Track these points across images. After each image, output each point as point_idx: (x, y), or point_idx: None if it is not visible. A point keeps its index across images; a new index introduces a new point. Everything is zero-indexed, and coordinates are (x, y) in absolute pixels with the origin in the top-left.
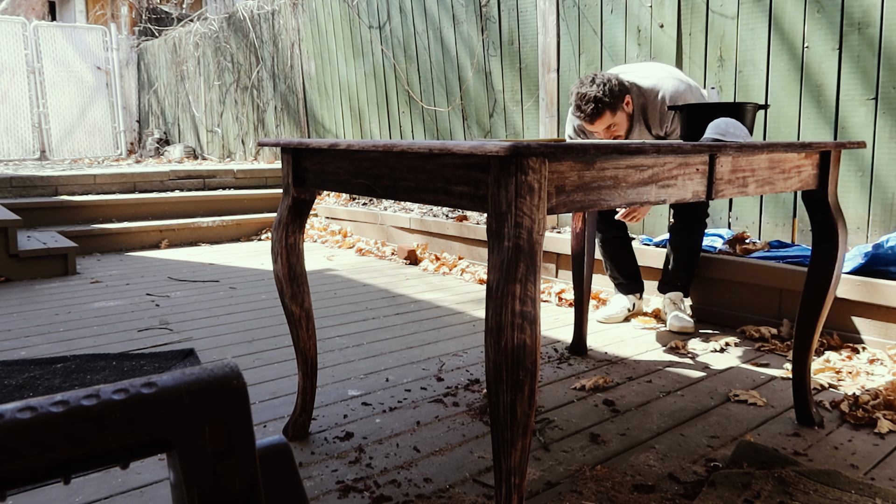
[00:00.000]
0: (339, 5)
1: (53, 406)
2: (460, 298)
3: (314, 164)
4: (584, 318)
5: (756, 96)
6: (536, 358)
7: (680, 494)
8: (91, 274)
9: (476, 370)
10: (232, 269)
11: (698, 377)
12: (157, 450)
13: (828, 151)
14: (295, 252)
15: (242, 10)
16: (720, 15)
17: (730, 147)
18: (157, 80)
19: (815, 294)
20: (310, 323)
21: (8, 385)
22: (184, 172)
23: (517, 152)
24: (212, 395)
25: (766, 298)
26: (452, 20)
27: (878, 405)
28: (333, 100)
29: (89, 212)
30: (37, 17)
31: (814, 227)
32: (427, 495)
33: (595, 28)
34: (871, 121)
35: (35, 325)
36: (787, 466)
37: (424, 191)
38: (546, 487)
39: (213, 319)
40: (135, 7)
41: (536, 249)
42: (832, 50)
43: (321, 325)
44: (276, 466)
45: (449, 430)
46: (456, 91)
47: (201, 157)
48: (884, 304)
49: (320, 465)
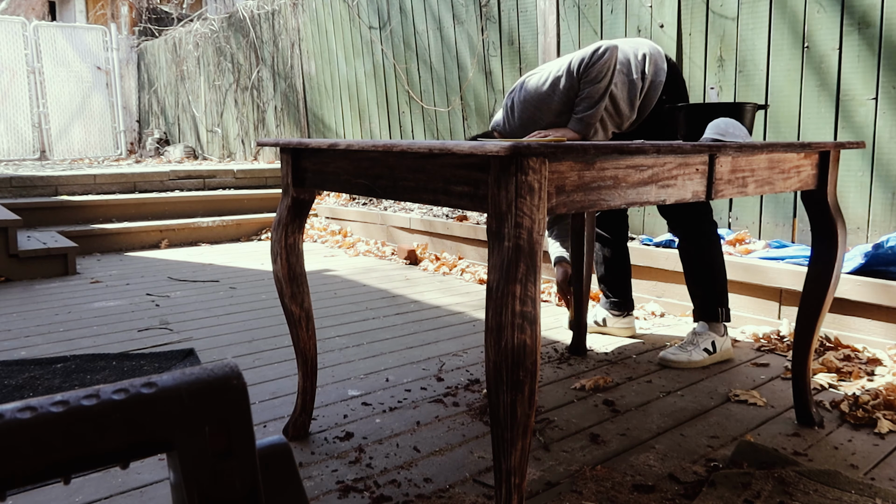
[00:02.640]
0: (339, 5)
1: (53, 406)
2: (460, 298)
3: (314, 164)
4: (584, 318)
5: (756, 96)
6: (536, 358)
7: (680, 494)
8: (91, 274)
9: (476, 370)
10: (232, 269)
11: (698, 377)
12: (157, 450)
13: (827, 151)
14: (295, 252)
15: (242, 9)
16: (720, 15)
17: (729, 147)
18: (157, 79)
19: (815, 294)
20: (310, 323)
21: (8, 385)
22: (184, 172)
23: (517, 152)
24: (212, 395)
25: (766, 298)
26: (453, 20)
27: (878, 405)
28: (334, 100)
29: (89, 212)
30: (37, 17)
31: (813, 227)
32: (427, 495)
33: (595, 28)
34: (871, 121)
35: (35, 325)
36: (787, 466)
37: (424, 191)
38: (546, 487)
39: (213, 319)
40: (135, 7)
41: (536, 249)
42: (832, 50)
43: (321, 325)
44: (276, 466)
45: (449, 430)
46: (456, 91)
47: (201, 157)
48: (884, 304)
49: (320, 465)
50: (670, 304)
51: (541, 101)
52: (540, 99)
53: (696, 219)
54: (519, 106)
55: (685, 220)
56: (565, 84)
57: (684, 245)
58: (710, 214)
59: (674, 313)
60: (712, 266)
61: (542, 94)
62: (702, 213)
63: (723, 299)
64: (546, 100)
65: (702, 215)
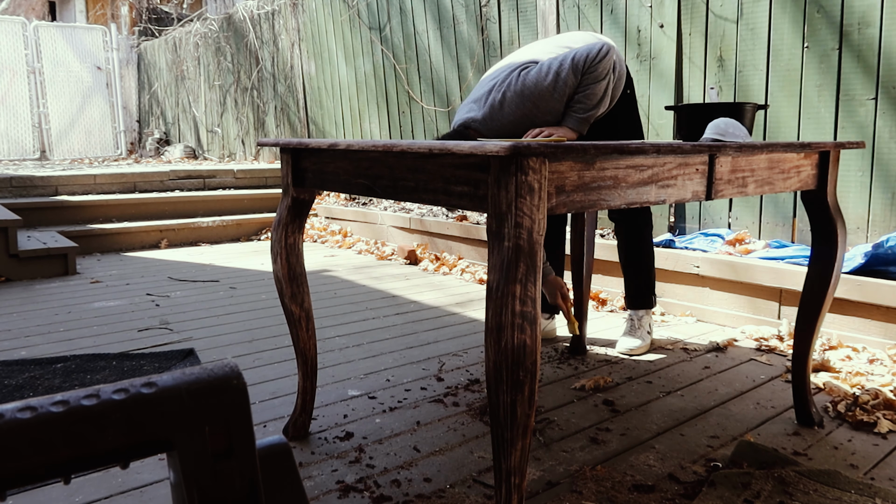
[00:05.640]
0: (339, 5)
1: (53, 406)
2: (460, 298)
3: (314, 165)
4: (584, 318)
5: (756, 96)
6: (536, 358)
7: (680, 494)
8: (91, 274)
9: (476, 370)
10: (232, 269)
11: (698, 377)
12: (157, 450)
13: (827, 151)
14: (294, 252)
15: (242, 10)
16: (720, 15)
17: (729, 147)
18: (157, 80)
19: (815, 294)
20: (310, 323)
21: (8, 385)
22: (184, 172)
23: (517, 152)
24: (212, 394)
25: (766, 298)
26: (453, 20)
27: (878, 405)
28: (334, 100)
29: (89, 212)
30: (37, 17)
31: (813, 227)
32: (427, 495)
33: (595, 28)
34: (871, 121)
35: (35, 325)
36: (787, 466)
37: (424, 191)
38: (546, 487)
39: (213, 319)
40: (135, 7)
41: (536, 249)
42: (832, 50)
43: (321, 325)
44: (276, 466)
45: (449, 430)
46: (456, 91)
47: (201, 157)
48: (884, 304)
49: (320, 465)
50: (670, 304)
51: (540, 97)
52: (540, 94)
53: (642, 221)
54: (515, 99)
55: (634, 222)
56: (571, 81)
57: (630, 243)
58: (651, 218)
59: (674, 313)
60: (650, 262)
61: (543, 90)
62: (647, 216)
63: (653, 289)
64: (547, 95)
65: (647, 218)
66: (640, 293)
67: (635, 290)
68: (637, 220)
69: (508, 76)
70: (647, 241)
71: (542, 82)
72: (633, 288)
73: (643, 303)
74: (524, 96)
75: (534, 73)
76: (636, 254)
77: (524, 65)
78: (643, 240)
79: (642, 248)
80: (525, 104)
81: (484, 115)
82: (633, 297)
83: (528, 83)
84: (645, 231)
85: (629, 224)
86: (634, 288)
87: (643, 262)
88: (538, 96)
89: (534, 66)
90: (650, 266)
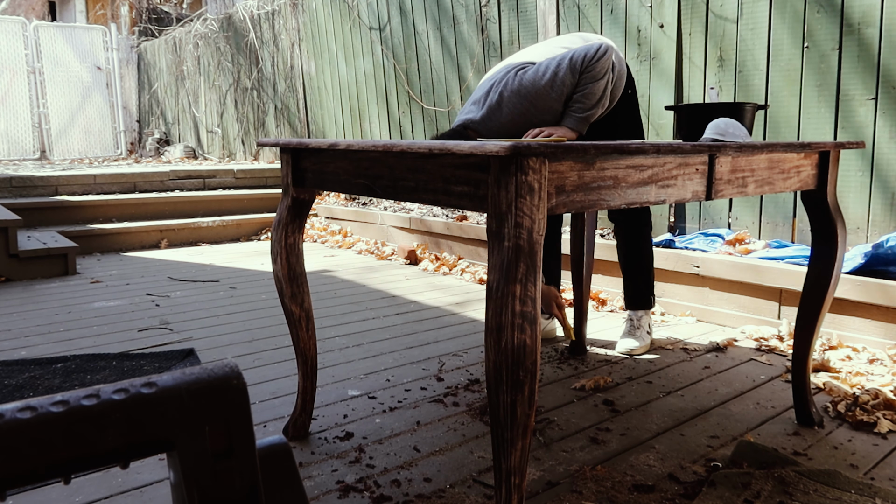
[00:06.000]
0: (339, 5)
1: (53, 406)
2: (460, 298)
3: (314, 165)
4: (584, 319)
5: (756, 96)
6: (536, 358)
7: (680, 494)
8: (91, 274)
9: (476, 370)
10: (232, 269)
11: (698, 377)
12: (157, 450)
13: (827, 152)
14: (294, 252)
15: (242, 10)
16: (720, 15)
17: (729, 147)
18: (157, 80)
19: (815, 294)
20: (310, 323)
21: (8, 385)
22: (184, 172)
23: (517, 152)
24: (212, 394)
25: (766, 298)
26: (452, 20)
27: (878, 405)
28: (333, 100)
29: (89, 212)
30: (37, 17)
31: (813, 227)
32: (427, 495)
33: (595, 28)
34: (871, 121)
35: (35, 325)
36: (787, 466)
37: (424, 191)
38: (546, 487)
39: (213, 319)
40: (135, 7)
41: (536, 249)
42: (832, 50)
43: (321, 325)
44: (276, 466)
45: (449, 430)
46: (456, 91)
47: (201, 157)
48: (884, 304)
49: (320, 465)
50: (670, 304)
51: (538, 96)
52: (538, 93)
53: (641, 221)
54: (513, 99)
55: (633, 222)
56: (568, 80)
57: (630, 243)
58: (650, 218)
59: (674, 313)
60: (650, 262)
61: (540, 89)
62: (646, 217)
63: (652, 289)
64: (544, 94)
65: (646, 218)
66: (640, 293)
67: (635, 290)
68: (637, 220)
69: (506, 76)
70: (646, 241)
71: (539, 81)
72: (633, 288)
73: (642, 303)
74: (522, 95)
75: (531, 72)
76: (636, 254)
77: (522, 65)
78: (643, 240)
79: (642, 248)
80: (523, 103)
81: (482, 116)
82: (632, 297)
83: (525, 82)
84: (645, 231)
85: (629, 224)
86: (634, 288)
87: (643, 263)
88: (536, 95)
89: (532, 66)
90: (650, 266)
